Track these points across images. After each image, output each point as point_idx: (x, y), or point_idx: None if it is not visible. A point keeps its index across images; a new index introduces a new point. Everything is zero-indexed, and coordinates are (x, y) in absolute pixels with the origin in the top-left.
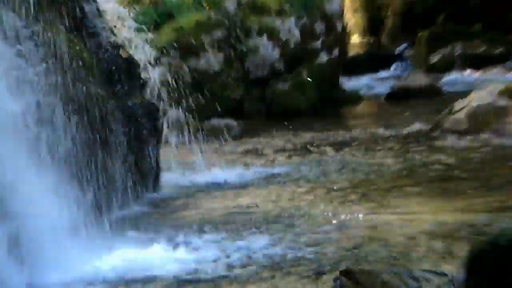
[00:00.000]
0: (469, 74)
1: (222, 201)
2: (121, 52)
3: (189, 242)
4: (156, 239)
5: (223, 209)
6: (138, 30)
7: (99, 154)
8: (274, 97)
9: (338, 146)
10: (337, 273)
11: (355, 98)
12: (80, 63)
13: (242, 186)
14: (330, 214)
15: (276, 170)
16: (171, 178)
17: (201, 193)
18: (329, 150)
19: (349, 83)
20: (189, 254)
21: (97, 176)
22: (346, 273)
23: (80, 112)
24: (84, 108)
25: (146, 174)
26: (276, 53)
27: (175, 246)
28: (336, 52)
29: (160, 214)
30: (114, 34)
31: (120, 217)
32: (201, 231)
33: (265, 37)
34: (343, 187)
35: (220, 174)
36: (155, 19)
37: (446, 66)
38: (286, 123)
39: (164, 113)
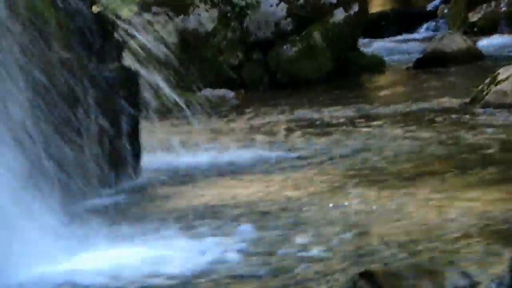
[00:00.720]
0: None
1: (212, 189)
2: (93, 7)
3: (167, 238)
4: (127, 235)
5: (213, 199)
6: None
7: (65, 132)
8: (279, 64)
9: (356, 123)
10: (354, 273)
11: (377, 65)
12: (41, 20)
13: (237, 170)
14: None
15: (279, 150)
16: (153, 160)
17: (189, 179)
18: (342, 128)
19: (371, 47)
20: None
21: (63, 159)
22: (366, 275)
23: (41, 82)
24: (46, 76)
25: (123, 157)
26: (281, 10)
27: (150, 244)
28: (355, 8)
29: (137, 205)
30: None
31: (90, 208)
32: (182, 226)
33: None
34: (368, 171)
35: (212, 155)
36: None
37: (489, 26)
38: (293, 94)
39: (145, 82)
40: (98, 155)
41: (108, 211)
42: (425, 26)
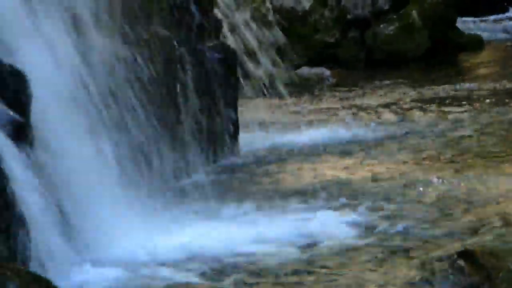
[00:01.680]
0: None
1: (310, 167)
2: None
3: (269, 218)
4: (228, 213)
5: (312, 178)
6: None
7: (164, 111)
8: (376, 42)
9: (455, 101)
10: (453, 253)
11: (476, 43)
12: None
13: (338, 149)
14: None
15: (379, 131)
16: (252, 139)
17: (287, 157)
18: (443, 107)
19: (469, 25)
20: (270, 232)
21: (162, 138)
22: (465, 254)
23: (141, 59)
24: (146, 54)
25: (221, 135)
26: None
27: (251, 221)
28: None
29: (236, 183)
30: None
31: (189, 186)
32: (284, 205)
33: None
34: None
35: (310, 133)
36: None
37: None
38: (389, 72)
39: (243, 60)
40: (197, 133)
41: (207, 189)
42: None
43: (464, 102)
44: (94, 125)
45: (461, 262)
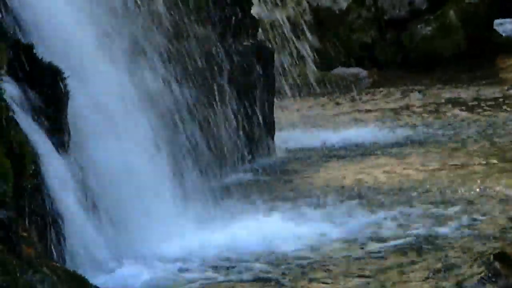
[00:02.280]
0: None
1: (347, 168)
2: None
3: (305, 215)
4: (266, 211)
5: (348, 178)
6: None
7: (202, 110)
8: (413, 42)
9: (491, 104)
10: (490, 256)
11: None
12: None
13: (374, 150)
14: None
15: (420, 132)
16: (288, 138)
17: (325, 157)
18: (481, 110)
19: (507, 27)
20: (307, 229)
21: (201, 137)
22: (500, 256)
23: (179, 58)
24: (184, 52)
25: (258, 134)
26: None
27: (291, 219)
28: None
29: (273, 183)
30: None
31: (227, 185)
32: (319, 204)
33: None
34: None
35: (347, 134)
36: None
37: None
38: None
39: (280, 59)
40: (233, 132)
41: (243, 188)
42: None
43: (498, 105)
44: (135, 122)
45: (496, 264)
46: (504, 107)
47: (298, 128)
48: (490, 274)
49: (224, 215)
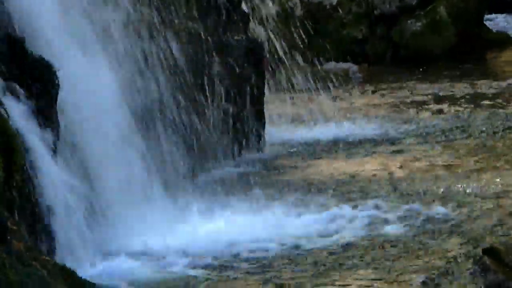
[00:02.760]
0: None
1: (336, 164)
2: None
3: (291, 211)
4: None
5: (337, 173)
6: None
7: (191, 104)
8: (403, 38)
9: (481, 100)
10: (479, 251)
11: (503, 40)
12: None
13: (364, 146)
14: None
15: (409, 127)
16: (278, 133)
17: (313, 153)
18: (469, 106)
19: (497, 22)
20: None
21: (190, 130)
22: (490, 251)
23: (167, 52)
24: (174, 46)
25: (247, 128)
26: None
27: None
28: None
29: (261, 177)
30: None
31: (213, 179)
32: (305, 199)
33: None
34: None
35: (336, 129)
36: None
37: None
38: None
39: (270, 54)
40: (223, 125)
41: (231, 182)
42: None
43: (488, 102)
44: (123, 118)
45: (485, 259)
46: (495, 102)
47: (288, 123)
48: (479, 269)
49: (211, 209)
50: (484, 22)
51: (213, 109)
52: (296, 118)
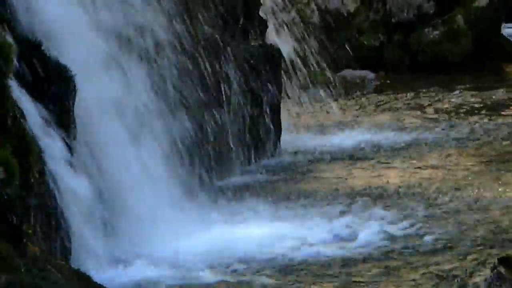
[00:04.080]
0: None
1: (353, 172)
2: None
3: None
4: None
5: (353, 182)
6: None
7: (208, 110)
8: (420, 46)
9: (504, 110)
10: (495, 260)
11: None
12: None
13: (381, 153)
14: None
15: (426, 135)
16: (294, 140)
17: (330, 160)
18: (487, 114)
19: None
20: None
21: (206, 136)
22: (506, 260)
23: (187, 57)
24: (191, 52)
25: (264, 135)
26: None
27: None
28: None
29: (277, 184)
30: None
31: (232, 186)
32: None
33: None
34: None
35: (354, 136)
36: None
37: None
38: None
39: (287, 61)
40: (240, 132)
41: (247, 189)
42: None
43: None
44: (140, 122)
45: (501, 268)
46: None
47: (305, 130)
48: (494, 278)
49: (227, 216)
50: (504, 32)
51: (230, 115)
52: (312, 125)
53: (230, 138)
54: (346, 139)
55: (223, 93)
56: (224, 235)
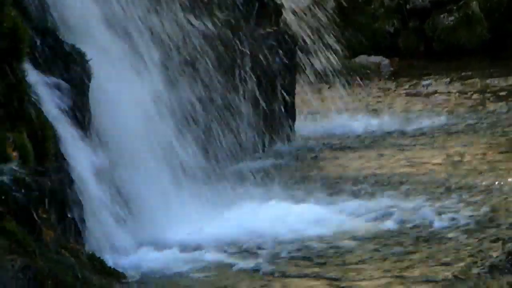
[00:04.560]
0: None
1: (366, 157)
2: None
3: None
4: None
5: (365, 167)
6: None
7: (222, 95)
8: (435, 32)
9: None
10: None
11: None
12: None
13: (396, 139)
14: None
15: (441, 121)
16: (308, 125)
17: (343, 146)
18: (504, 100)
19: None
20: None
21: (220, 122)
22: None
23: (198, 41)
24: (204, 36)
25: (278, 120)
26: None
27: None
28: None
29: (288, 169)
30: None
31: (244, 171)
32: (333, 191)
33: None
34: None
35: (369, 122)
36: None
37: None
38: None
39: (302, 47)
40: (254, 117)
41: (260, 174)
42: None
43: None
44: (155, 107)
45: None
46: None
47: (319, 115)
48: (509, 264)
49: (240, 200)
50: None
51: (244, 101)
52: (327, 111)
53: (244, 123)
54: (361, 125)
55: (237, 78)
56: (232, 219)
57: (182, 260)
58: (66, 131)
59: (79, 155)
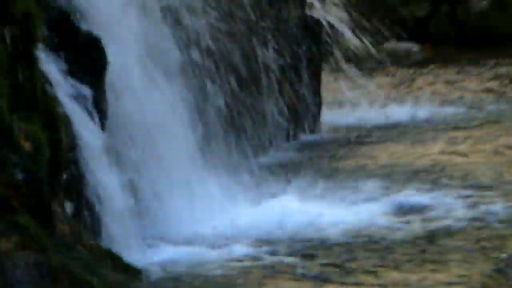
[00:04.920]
0: None
1: (394, 149)
2: None
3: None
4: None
5: (394, 159)
6: None
7: (246, 85)
8: (468, 17)
9: None
10: None
11: None
12: None
13: (425, 130)
14: None
15: (473, 111)
16: (335, 116)
17: (371, 136)
18: None
19: None
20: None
21: (244, 113)
22: None
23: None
24: (228, 25)
25: (303, 111)
26: None
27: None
28: None
29: (314, 162)
30: None
31: (270, 163)
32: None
33: None
34: None
35: (398, 112)
36: None
37: None
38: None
39: (328, 32)
40: (278, 107)
41: (286, 166)
42: None
43: None
44: (175, 99)
45: None
46: None
47: (346, 105)
48: None
49: (266, 194)
50: None
51: (268, 90)
52: (355, 100)
53: (267, 113)
54: (390, 114)
55: (261, 65)
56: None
57: (203, 255)
58: (81, 121)
59: (95, 146)
